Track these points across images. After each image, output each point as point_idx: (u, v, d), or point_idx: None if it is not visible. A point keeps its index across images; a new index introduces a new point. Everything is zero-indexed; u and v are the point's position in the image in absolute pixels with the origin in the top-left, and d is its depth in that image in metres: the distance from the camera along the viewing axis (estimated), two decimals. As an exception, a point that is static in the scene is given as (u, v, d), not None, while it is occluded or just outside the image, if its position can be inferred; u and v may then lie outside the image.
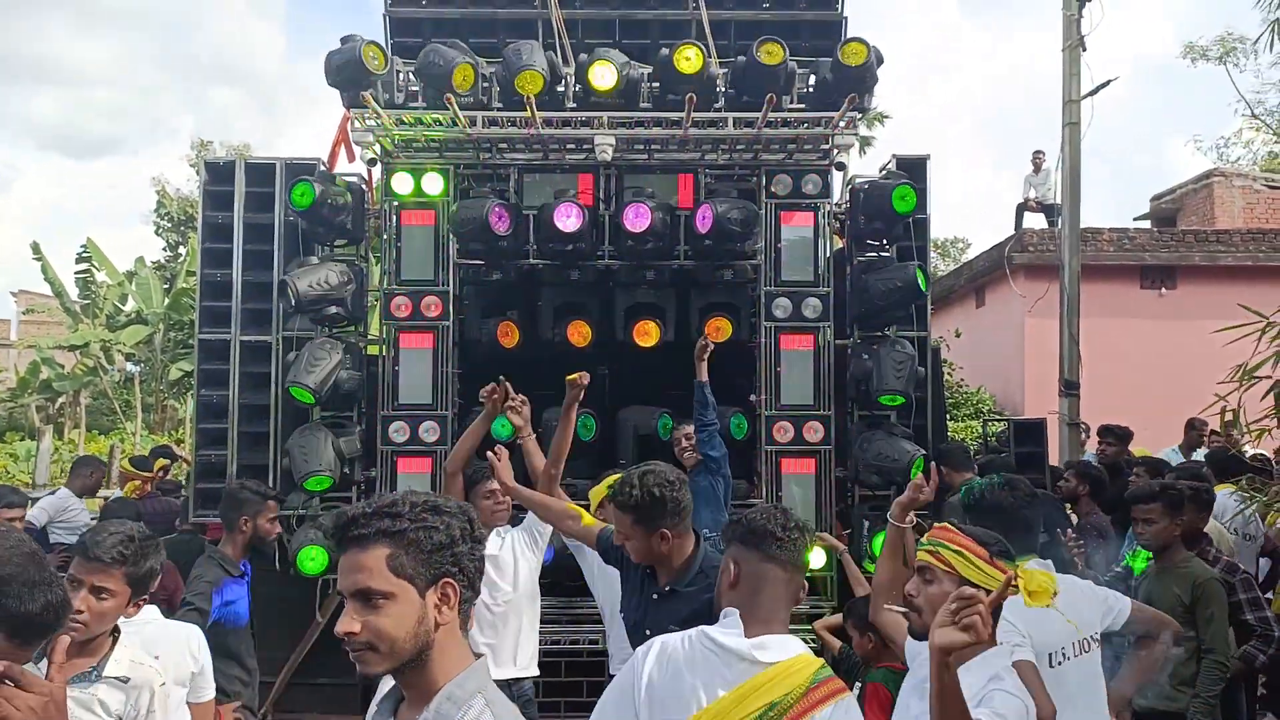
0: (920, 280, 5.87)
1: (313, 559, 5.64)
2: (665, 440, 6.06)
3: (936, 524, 2.83)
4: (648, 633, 2.96)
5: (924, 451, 5.74)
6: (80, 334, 21.18)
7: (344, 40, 5.89)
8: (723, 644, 2.42)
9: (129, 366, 24.38)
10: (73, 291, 22.18)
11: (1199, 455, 9.24)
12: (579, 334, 6.18)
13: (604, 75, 5.72)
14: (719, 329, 6.11)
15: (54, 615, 1.82)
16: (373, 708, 1.93)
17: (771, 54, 5.65)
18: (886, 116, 26.16)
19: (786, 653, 2.43)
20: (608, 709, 2.51)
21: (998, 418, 13.38)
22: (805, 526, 2.60)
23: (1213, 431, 9.40)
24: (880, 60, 5.86)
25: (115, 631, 2.85)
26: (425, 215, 6.08)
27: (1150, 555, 4.59)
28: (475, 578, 1.87)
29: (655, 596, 3.27)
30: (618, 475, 4.00)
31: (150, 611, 3.24)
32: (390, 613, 1.76)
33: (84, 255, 21.54)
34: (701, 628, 2.51)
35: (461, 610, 1.85)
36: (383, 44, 6.28)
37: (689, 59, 5.63)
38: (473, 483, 4.53)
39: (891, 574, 3.10)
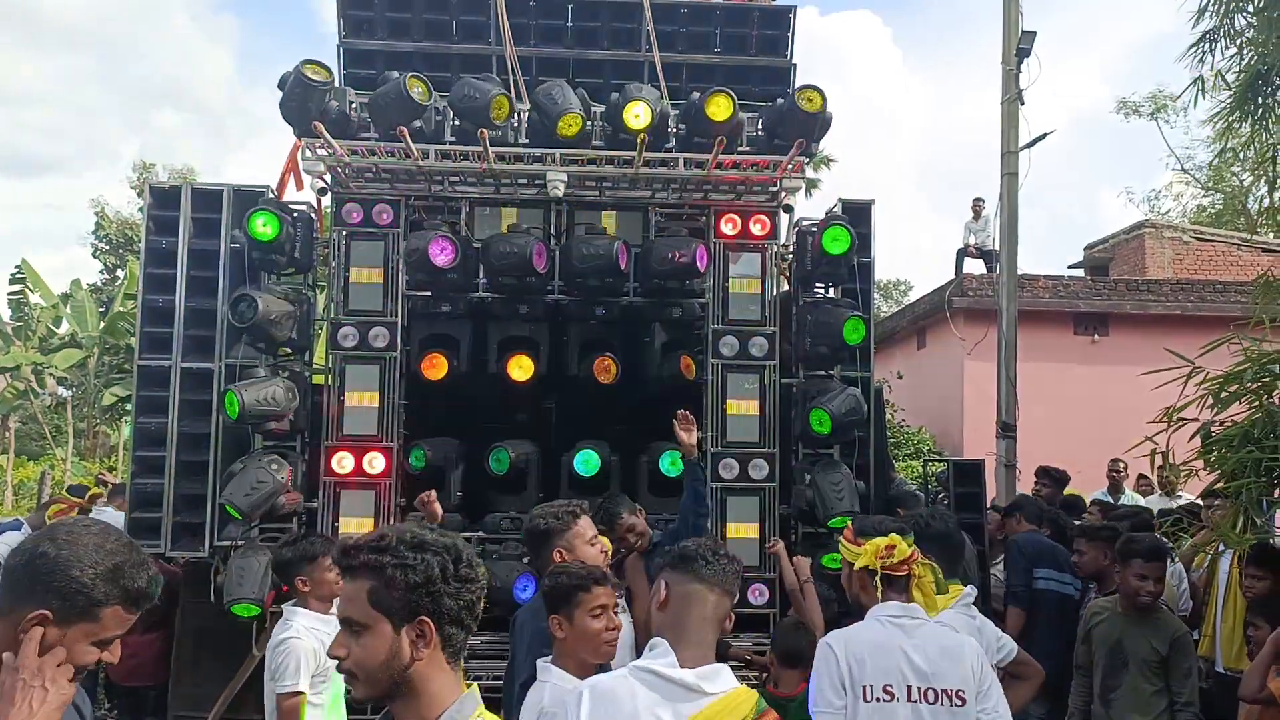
0: (848, 332, 5.94)
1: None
2: (591, 476, 6.05)
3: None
4: None
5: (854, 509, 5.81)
6: (11, 356, 20.61)
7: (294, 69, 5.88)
8: (666, 675, 2.41)
9: (60, 391, 23.77)
10: (5, 313, 21.63)
11: (1127, 495, 9.51)
12: (520, 368, 6.15)
13: (639, 115, 5.68)
14: (689, 366, 6.18)
15: (155, 587, 2.01)
16: None
17: (719, 108, 5.70)
18: (832, 160, 26.70)
19: (728, 684, 2.46)
20: None
21: (938, 458, 13.60)
22: (736, 558, 2.68)
23: (1140, 475, 9.67)
24: (828, 113, 5.99)
25: None
26: (374, 246, 6.07)
27: None
28: (462, 614, 1.90)
29: None
30: None
31: None
32: (365, 644, 1.85)
33: (18, 276, 21.03)
34: (634, 663, 2.50)
35: (449, 646, 1.89)
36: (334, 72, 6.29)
37: (638, 116, 5.67)
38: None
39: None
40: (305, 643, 3.98)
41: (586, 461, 6.02)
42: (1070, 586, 6.04)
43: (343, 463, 5.87)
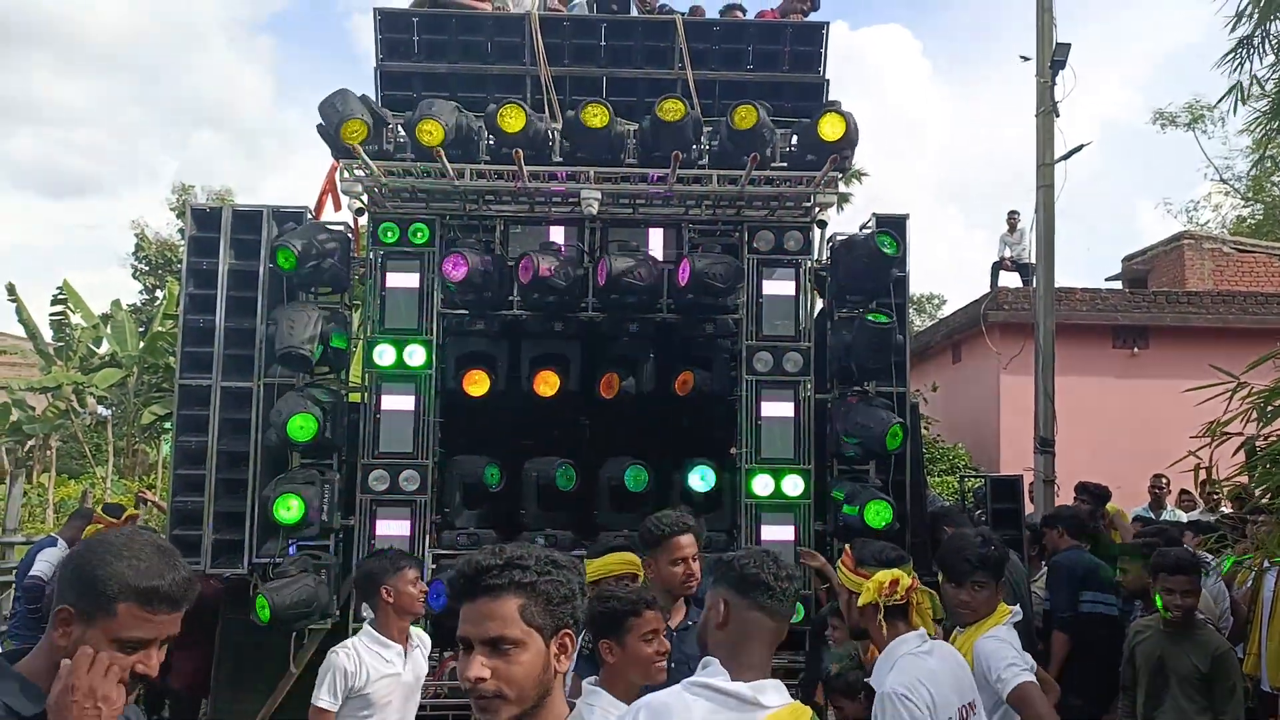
0: (880, 319, 5.94)
1: (264, 607, 5.57)
2: (638, 492, 6.06)
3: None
4: None
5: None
6: (53, 376, 20.94)
7: (336, 94, 5.96)
8: (722, 689, 2.37)
9: (101, 410, 24.10)
10: (46, 333, 21.99)
11: (1169, 511, 9.36)
12: (546, 384, 6.16)
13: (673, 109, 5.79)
14: (684, 383, 6.17)
15: (179, 590, 2.00)
16: None
17: (744, 118, 5.74)
18: (864, 174, 26.61)
19: (783, 699, 2.43)
20: None
21: (975, 474, 13.46)
22: (795, 575, 2.63)
23: (1182, 491, 9.52)
24: (857, 127, 5.98)
25: None
26: (410, 264, 6.12)
27: None
28: (582, 626, 2.06)
29: None
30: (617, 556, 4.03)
31: None
32: (520, 660, 1.87)
33: (60, 297, 21.40)
34: (689, 680, 2.45)
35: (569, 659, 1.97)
36: (374, 99, 6.38)
37: (671, 110, 5.73)
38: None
39: None
40: (341, 658, 3.98)
41: (636, 477, 6.02)
42: (1114, 607, 5.96)
43: (378, 480, 5.91)
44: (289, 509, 5.63)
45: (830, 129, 5.79)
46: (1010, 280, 16.83)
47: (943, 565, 3.83)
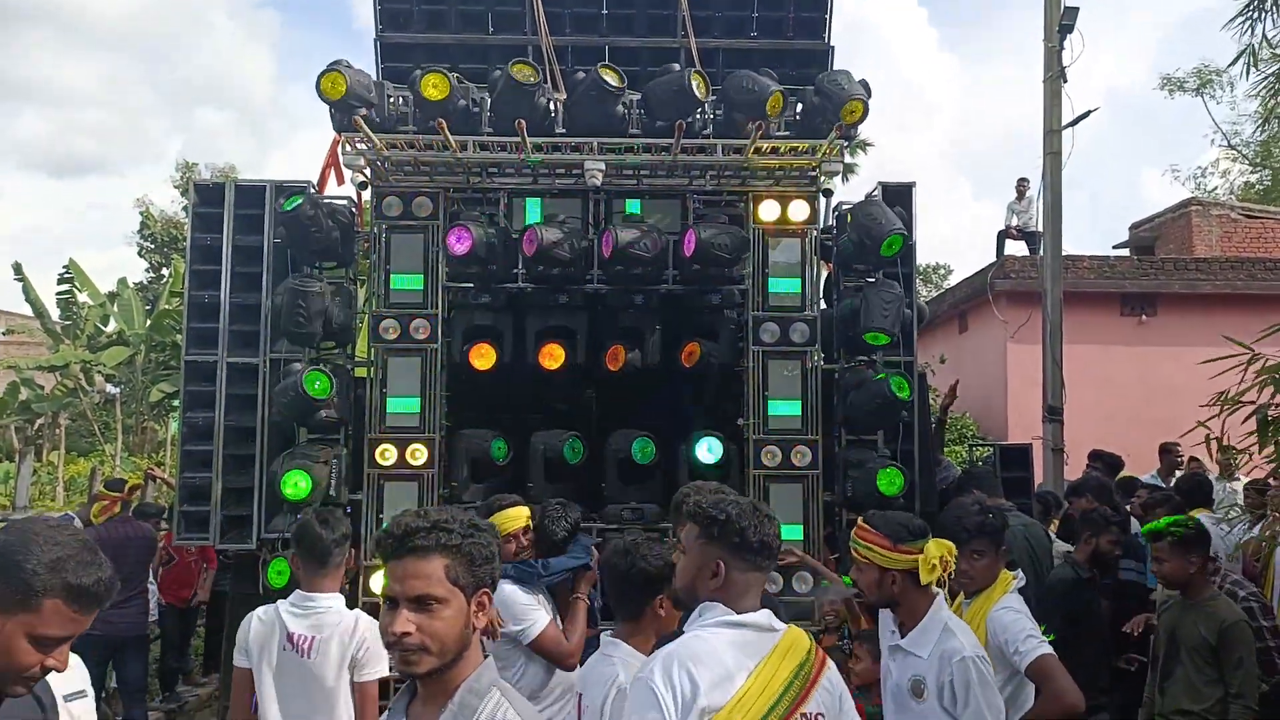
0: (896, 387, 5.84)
1: (279, 573, 5.61)
2: (645, 464, 6.06)
3: (860, 519, 3.39)
4: None
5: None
6: (61, 355, 21.01)
7: (333, 64, 5.91)
8: (741, 621, 2.55)
9: (109, 388, 24.17)
10: (54, 312, 22.02)
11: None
12: (551, 357, 6.14)
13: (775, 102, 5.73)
14: (690, 354, 6.15)
15: (104, 589, 2.02)
16: (386, 714, 2.14)
17: (775, 106, 5.69)
18: (869, 144, 26.42)
19: (783, 623, 2.65)
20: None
21: (984, 443, 13.46)
22: (775, 520, 2.72)
23: (1191, 458, 9.50)
24: (869, 93, 5.93)
25: None
26: (414, 238, 6.10)
27: None
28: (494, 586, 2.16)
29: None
30: None
31: None
32: (443, 616, 1.99)
33: (66, 276, 21.40)
34: (699, 624, 2.57)
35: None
36: (373, 70, 6.33)
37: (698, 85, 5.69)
38: None
39: None
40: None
41: (643, 450, 6.03)
42: (1145, 575, 5.97)
43: (386, 454, 5.92)
44: (296, 485, 5.64)
45: (851, 115, 5.76)
46: (1016, 249, 16.74)
47: (941, 533, 3.82)
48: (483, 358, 6.10)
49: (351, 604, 5.60)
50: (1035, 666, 3.41)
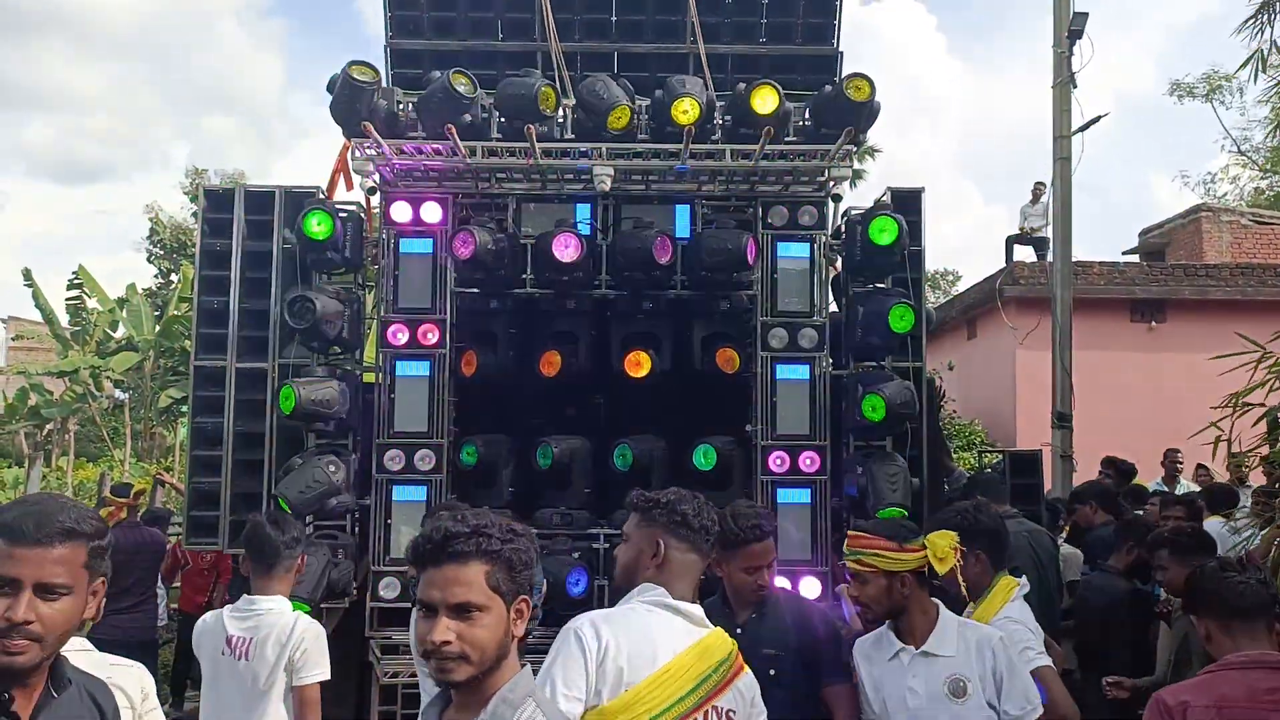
0: (894, 320, 5.82)
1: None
2: (624, 470, 6.01)
3: (849, 531, 3.40)
4: None
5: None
6: (70, 360, 21.08)
7: (342, 70, 5.94)
8: (678, 607, 2.67)
9: (118, 393, 24.25)
10: (63, 318, 22.11)
11: (1183, 485, 9.30)
12: (549, 365, 6.14)
13: (688, 110, 5.67)
14: (729, 360, 6.12)
15: (28, 521, 1.98)
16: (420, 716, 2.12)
17: (764, 100, 5.67)
18: (877, 151, 26.43)
19: (710, 624, 2.75)
20: (562, 673, 2.49)
21: (993, 449, 13.42)
22: (714, 509, 2.85)
23: (1199, 465, 9.45)
24: (875, 100, 5.92)
25: None
26: (423, 244, 6.10)
27: None
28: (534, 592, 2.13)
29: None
30: None
31: None
32: (483, 624, 1.95)
33: (75, 282, 21.50)
34: (638, 600, 2.68)
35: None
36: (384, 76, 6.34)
37: (686, 111, 5.64)
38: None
39: None
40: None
41: (623, 456, 6.00)
42: (1151, 585, 5.93)
43: (394, 460, 5.91)
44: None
45: (858, 91, 5.72)
46: (1025, 255, 16.71)
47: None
48: (469, 365, 6.13)
49: (361, 609, 5.69)
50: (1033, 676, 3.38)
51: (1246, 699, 2.70)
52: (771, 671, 3.35)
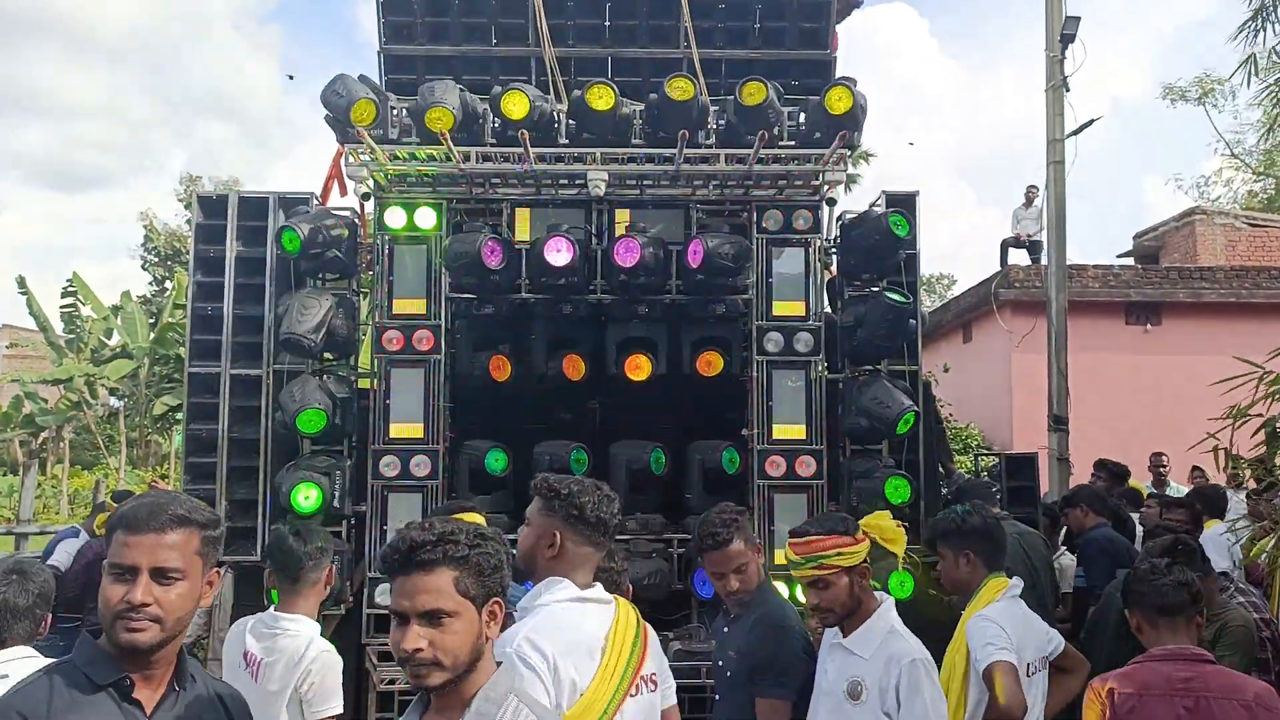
0: (897, 298, 5.90)
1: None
2: (657, 475, 6.04)
3: (791, 541, 3.33)
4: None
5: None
6: (64, 368, 21.04)
7: (336, 79, 5.94)
8: (585, 595, 2.71)
9: (112, 401, 24.20)
10: (58, 326, 22.08)
11: (1172, 488, 9.30)
12: (574, 368, 6.18)
13: (602, 97, 5.75)
14: (710, 363, 6.14)
15: None
16: None
17: (753, 94, 5.69)
18: (871, 155, 26.44)
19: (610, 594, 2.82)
20: None
21: (989, 453, 13.42)
22: (616, 499, 2.85)
23: (1194, 467, 9.45)
24: (865, 104, 5.92)
25: None
26: (418, 250, 6.09)
27: None
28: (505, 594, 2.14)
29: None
30: None
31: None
32: (455, 630, 1.98)
33: (69, 289, 21.47)
34: (553, 598, 2.68)
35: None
36: (377, 82, 6.34)
37: (681, 89, 5.67)
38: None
39: None
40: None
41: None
42: None
43: (390, 466, 5.90)
44: (307, 497, 5.62)
45: (839, 102, 5.73)
46: (1020, 258, 16.73)
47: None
48: (500, 369, 6.21)
49: (357, 614, 5.66)
50: (985, 672, 3.42)
51: (1164, 686, 3.06)
52: (728, 673, 3.56)
